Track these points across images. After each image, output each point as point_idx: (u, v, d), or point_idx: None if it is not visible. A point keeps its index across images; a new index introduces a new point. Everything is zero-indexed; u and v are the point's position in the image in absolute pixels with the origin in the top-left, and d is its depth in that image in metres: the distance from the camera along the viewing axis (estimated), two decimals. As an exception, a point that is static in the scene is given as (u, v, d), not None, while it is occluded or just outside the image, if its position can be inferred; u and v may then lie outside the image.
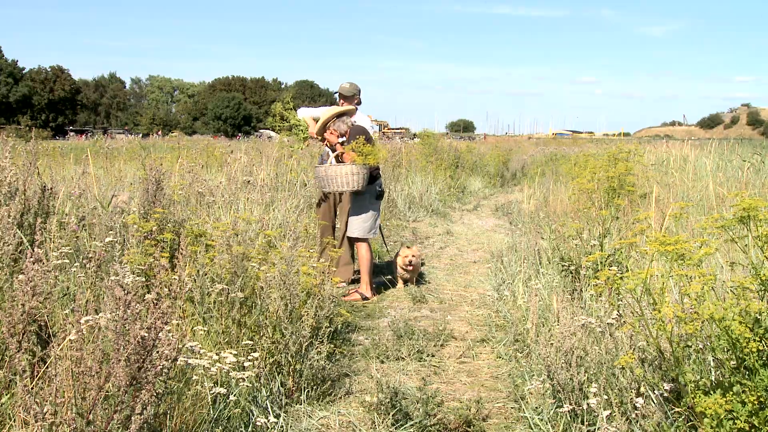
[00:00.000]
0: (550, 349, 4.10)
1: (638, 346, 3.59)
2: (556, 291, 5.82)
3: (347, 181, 7.27)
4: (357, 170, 7.26)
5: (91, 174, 7.89)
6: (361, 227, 7.64)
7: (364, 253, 7.62)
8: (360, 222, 7.64)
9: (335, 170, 7.28)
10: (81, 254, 5.32)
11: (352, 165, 7.25)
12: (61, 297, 4.37)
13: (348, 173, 7.26)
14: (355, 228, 7.66)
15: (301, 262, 5.08)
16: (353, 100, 8.17)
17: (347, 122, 7.70)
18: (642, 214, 3.77)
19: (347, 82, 8.25)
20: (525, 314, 6.03)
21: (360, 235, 7.64)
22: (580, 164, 10.29)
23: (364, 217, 7.63)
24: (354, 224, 7.67)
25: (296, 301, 4.62)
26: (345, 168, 7.26)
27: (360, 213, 7.65)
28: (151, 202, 6.14)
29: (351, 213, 7.72)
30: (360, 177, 7.28)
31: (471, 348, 5.81)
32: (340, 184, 7.29)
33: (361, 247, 7.66)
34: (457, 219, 14.58)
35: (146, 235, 5.39)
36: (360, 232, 7.64)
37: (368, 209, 7.65)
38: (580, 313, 4.82)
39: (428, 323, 6.55)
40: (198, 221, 6.27)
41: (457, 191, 18.89)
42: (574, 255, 6.71)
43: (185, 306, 4.45)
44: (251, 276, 4.82)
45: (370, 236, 7.70)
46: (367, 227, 7.65)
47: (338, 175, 7.26)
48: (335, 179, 7.28)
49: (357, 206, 7.67)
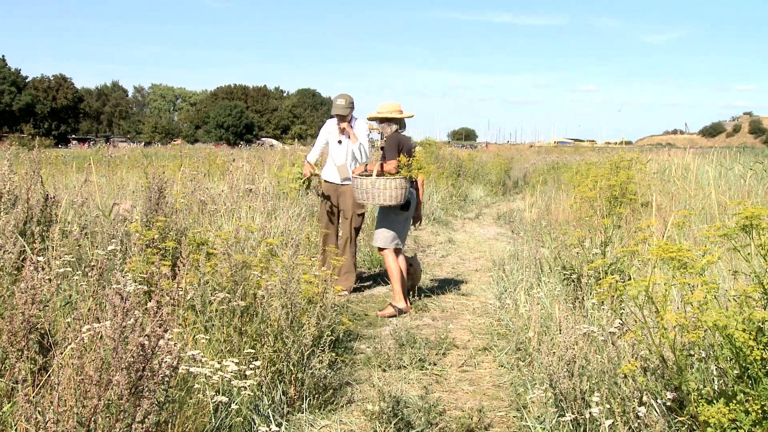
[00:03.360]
0: (552, 358, 4.09)
1: (641, 354, 3.58)
2: (558, 299, 5.81)
3: (395, 195, 7.04)
4: (405, 184, 7.07)
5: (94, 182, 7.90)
6: (383, 236, 7.41)
7: (390, 263, 7.37)
8: (383, 232, 7.41)
9: (384, 183, 7.01)
10: (83, 262, 5.32)
11: (402, 178, 7.03)
12: (63, 305, 4.37)
13: (398, 187, 7.03)
14: (377, 237, 7.46)
15: (303, 271, 5.08)
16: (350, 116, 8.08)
17: (392, 128, 7.46)
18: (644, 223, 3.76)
19: (340, 97, 7.99)
20: (527, 323, 6.02)
21: (382, 245, 7.42)
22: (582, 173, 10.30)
23: (387, 228, 7.41)
24: (378, 234, 7.45)
25: (298, 310, 4.62)
26: (395, 182, 7.01)
27: (383, 223, 7.43)
28: (153, 211, 6.15)
29: (377, 222, 7.53)
30: (406, 191, 7.11)
31: (473, 356, 5.80)
32: (387, 198, 7.05)
33: (386, 257, 7.42)
34: (459, 227, 14.58)
35: (148, 243, 5.39)
36: (382, 241, 7.42)
37: (393, 220, 7.40)
38: (582, 322, 4.81)
39: (430, 332, 6.54)
40: (200, 229, 6.27)
41: (459, 199, 18.89)
42: (576, 263, 6.70)
43: (187, 314, 4.44)
44: (253, 284, 4.81)
45: (393, 246, 7.42)
46: (389, 236, 7.40)
47: (387, 188, 7.01)
48: (382, 193, 7.03)
49: (383, 217, 7.46)
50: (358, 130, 8.03)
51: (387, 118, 7.43)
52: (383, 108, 7.47)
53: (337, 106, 7.96)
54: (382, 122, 7.49)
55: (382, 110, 7.45)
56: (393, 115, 7.42)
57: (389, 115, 7.41)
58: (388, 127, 7.44)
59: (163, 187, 6.31)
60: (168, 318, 2.87)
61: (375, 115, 7.50)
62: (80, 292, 4.43)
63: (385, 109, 7.45)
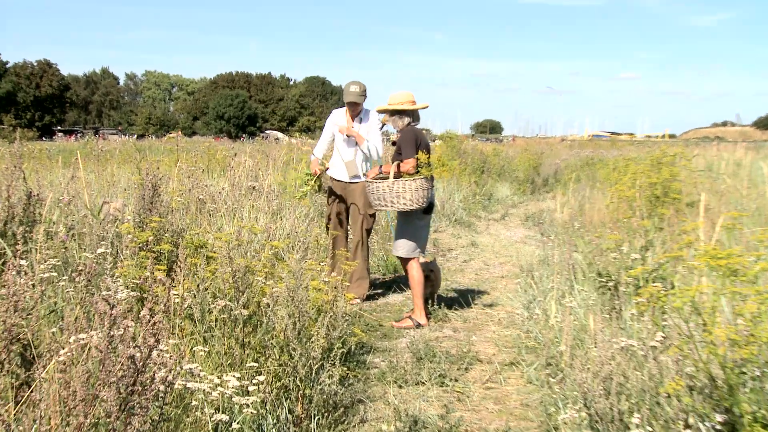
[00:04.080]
0: (586, 375, 4.06)
1: (686, 371, 3.55)
2: (592, 309, 5.78)
3: (417, 198, 6.90)
4: (426, 185, 6.93)
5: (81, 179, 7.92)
6: (406, 245, 7.32)
7: (414, 273, 7.31)
8: (406, 240, 7.32)
9: (403, 186, 6.88)
10: (70, 267, 5.34)
11: (423, 179, 6.91)
12: (47, 314, 4.38)
13: (418, 189, 6.89)
14: (400, 246, 7.36)
15: (311, 276, 5.08)
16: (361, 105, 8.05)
17: (405, 121, 7.36)
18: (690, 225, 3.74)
19: (353, 84, 7.99)
20: (558, 335, 5.99)
21: (405, 254, 7.34)
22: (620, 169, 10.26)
23: (410, 235, 7.32)
24: (399, 242, 7.37)
25: (306, 320, 4.61)
26: (415, 183, 6.88)
27: (406, 230, 7.33)
28: (147, 210, 6.16)
29: (397, 229, 7.44)
30: (428, 191, 6.97)
31: (498, 372, 5.78)
32: (408, 202, 6.92)
33: (409, 267, 7.35)
34: (482, 229, 14.55)
35: (141, 246, 5.41)
36: (406, 250, 7.33)
37: (416, 225, 7.32)
38: (620, 335, 4.78)
39: (451, 344, 6.53)
40: (198, 231, 6.28)
41: (483, 198, 18.85)
42: (612, 270, 6.66)
43: (184, 324, 4.45)
44: (256, 291, 4.82)
45: (416, 255, 7.38)
46: (413, 245, 7.32)
47: (407, 190, 6.86)
48: (402, 196, 6.90)
49: (404, 223, 7.35)
50: (370, 123, 8.00)
51: (399, 110, 7.35)
52: (394, 99, 7.37)
53: (350, 93, 7.92)
54: (393, 115, 7.38)
55: (393, 101, 7.36)
56: (406, 106, 7.30)
57: (402, 107, 7.30)
58: (399, 120, 7.35)
59: (158, 184, 6.32)
60: (162, 327, 2.87)
61: (385, 107, 7.41)
62: (66, 299, 4.45)
63: (396, 100, 7.35)
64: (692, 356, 3.27)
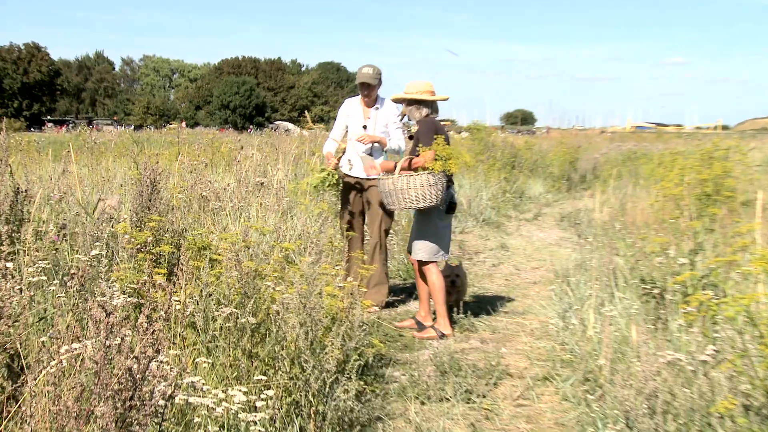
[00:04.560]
0: (628, 392, 4.05)
1: (741, 389, 3.52)
2: (635, 319, 5.75)
3: (424, 194, 6.88)
4: (434, 180, 6.87)
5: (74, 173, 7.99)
6: (427, 248, 7.28)
7: (434, 279, 7.28)
8: (426, 242, 7.28)
9: (407, 182, 6.87)
10: (61, 270, 5.38)
11: (429, 174, 6.85)
12: (36, 321, 4.41)
13: (424, 184, 6.85)
14: (419, 249, 7.32)
15: (325, 282, 5.08)
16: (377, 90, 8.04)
17: (423, 112, 7.34)
18: (745, 226, 3.72)
19: (367, 66, 8.00)
20: (597, 348, 5.97)
21: (426, 257, 7.30)
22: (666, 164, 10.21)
23: (430, 237, 7.29)
24: (418, 245, 7.32)
25: (319, 329, 4.62)
26: (420, 178, 6.85)
27: (426, 231, 7.30)
28: (145, 208, 6.19)
29: (415, 230, 7.41)
30: (439, 188, 6.91)
31: (530, 387, 5.76)
32: (414, 199, 6.91)
33: (429, 272, 7.32)
34: (513, 230, 14.53)
35: (139, 247, 5.43)
36: (426, 253, 7.30)
37: (436, 226, 7.29)
38: (666, 347, 4.76)
39: (478, 357, 6.52)
40: (202, 231, 6.31)
41: (514, 196, 18.82)
42: (658, 275, 6.63)
43: (186, 333, 4.47)
44: (265, 298, 4.83)
45: (439, 259, 7.38)
46: (434, 248, 7.29)
47: (411, 187, 6.86)
48: (407, 193, 6.88)
49: (423, 223, 7.33)
50: (387, 112, 7.97)
51: (417, 100, 7.31)
52: (412, 88, 7.35)
53: (363, 74, 7.94)
54: (410, 105, 7.35)
55: (410, 90, 7.34)
56: (425, 96, 7.28)
57: (420, 97, 7.28)
58: (417, 111, 7.32)
59: (158, 179, 6.35)
60: (162, 337, 2.88)
61: (402, 96, 7.38)
62: (57, 305, 4.47)
63: (414, 89, 7.33)
64: (747, 372, 3.25)
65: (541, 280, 9.85)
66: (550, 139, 39.94)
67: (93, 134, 21.29)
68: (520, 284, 9.63)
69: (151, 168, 6.33)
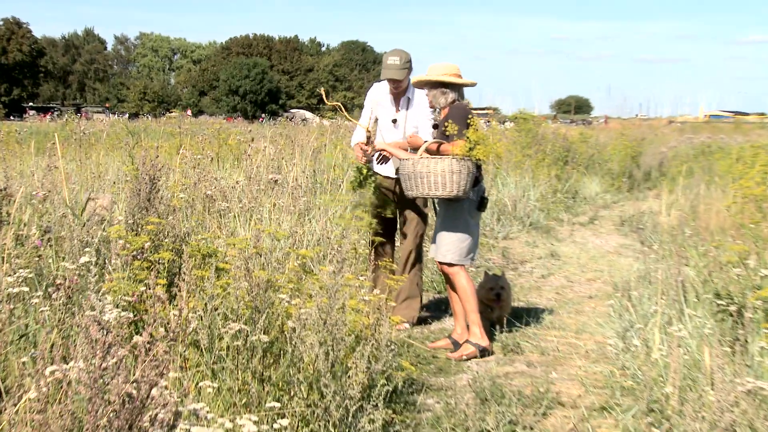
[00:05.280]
0: (700, 424, 4.03)
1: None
2: (708, 341, 5.72)
3: (444, 181, 6.88)
4: (459, 167, 6.88)
5: (60, 169, 8.05)
6: (455, 248, 7.31)
7: (464, 282, 7.29)
8: (455, 241, 7.31)
9: (427, 165, 6.90)
10: (45, 280, 5.42)
11: (453, 159, 6.87)
12: (17, 339, 4.45)
13: (446, 170, 6.87)
14: (447, 249, 7.34)
15: (349, 295, 5.09)
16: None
17: (449, 97, 7.36)
18: (837, 233, 3.69)
19: (392, 54, 7.86)
20: (663, 373, 5.95)
21: (455, 260, 7.33)
22: (746, 159, 10.14)
23: (460, 235, 7.31)
24: (445, 244, 7.34)
25: (341, 349, 4.63)
26: (442, 163, 6.87)
27: (454, 229, 7.32)
28: (142, 209, 6.23)
29: (441, 228, 7.42)
30: (463, 177, 6.91)
31: (585, 419, 5.75)
32: (433, 185, 6.93)
33: (457, 275, 7.33)
34: (565, 236, 14.50)
35: (135, 254, 5.47)
36: (455, 255, 7.32)
37: (467, 223, 7.33)
38: (745, 374, 4.73)
39: (524, 382, 6.51)
40: (206, 236, 6.34)
41: (566, 197, 18.78)
42: (735, 290, 6.60)
43: (188, 353, 4.49)
44: (279, 313, 4.84)
45: (468, 262, 7.42)
46: (464, 248, 7.32)
47: (432, 171, 6.88)
48: (426, 178, 6.92)
49: (450, 219, 7.35)
50: (419, 106, 7.91)
51: (442, 82, 7.33)
52: (437, 70, 7.37)
53: (389, 67, 7.83)
54: (434, 88, 7.39)
55: (434, 72, 7.36)
56: (451, 79, 7.30)
57: (446, 79, 7.29)
58: (442, 96, 7.35)
59: (156, 176, 6.39)
60: (166, 359, 2.89)
61: (424, 78, 7.38)
62: (41, 320, 4.51)
63: (439, 72, 7.35)
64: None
65: (597, 293, 9.83)
66: (608, 129, 39.78)
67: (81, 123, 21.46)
68: (573, 298, 9.61)
69: (148, 163, 6.37)
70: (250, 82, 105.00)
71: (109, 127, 24.60)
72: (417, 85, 7.63)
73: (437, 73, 7.32)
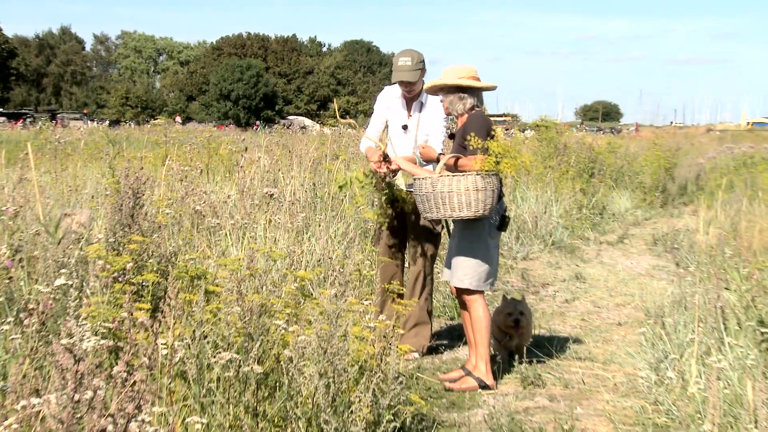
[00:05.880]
0: (742, 465, 4.02)
1: None
2: (751, 373, 5.72)
3: (468, 200, 6.74)
4: (484, 183, 6.75)
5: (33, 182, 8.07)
6: (473, 273, 7.19)
7: (481, 313, 7.21)
8: (473, 265, 7.18)
9: (449, 183, 6.75)
10: (16, 304, 5.43)
11: (477, 175, 6.73)
12: (-14, 369, 4.45)
13: (470, 188, 6.72)
14: (464, 274, 7.22)
15: (352, 321, 5.09)
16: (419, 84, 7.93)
17: (468, 103, 7.25)
18: None
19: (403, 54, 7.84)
20: (701, 409, 5.94)
21: (472, 286, 7.22)
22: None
23: (478, 259, 7.19)
24: (462, 268, 7.23)
25: (343, 381, 4.63)
26: (466, 180, 6.72)
27: (472, 251, 7.19)
28: (124, 226, 6.24)
29: (457, 250, 7.30)
30: (489, 195, 6.78)
31: (615, 460, 5.74)
32: (457, 206, 6.78)
33: (473, 304, 7.25)
34: (591, 256, 14.50)
35: (116, 275, 5.47)
36: (473, 280, 7.21)
37: (486, 245, 7.21)
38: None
39: (546, 418, 6.51)
40: (195, 255, 6.35)
41: (593, 213, 18.77)
42: (780, 316, 6.59)
43: (174, 384, 4.49)
44: (275, 340, 4.84)
45: (487, 288, 7.34)
46: (482, 273, 7.20)
47: (455, 190, 6.72)
48: (449, 198, 6.76)
49: (468, 240, 7.23)
50: (433, 111, 7.88)
51: (459, 86, 7.23)
52: (452, 73, 7.27)
53: (400, 68, 7.81)
54: (450, 93, 7.27)
55: (450, 76, 7.26)
56: (470, 82, 7.21)
57: (464, 83, 7.20)
58: (459, 102, 7.24)
59: (140, 190, 6.40)
60: (145, 389, 2.90)
61: (439, 83, 7.28)
62: (11, 349, 4.52)
63: (455, 75, 7.25)
64: None
65: (627, 320, 9.82)
66: (639, 138, 39.87)
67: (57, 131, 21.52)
68: (601, 326, 9.61)
69: (131, 175, 6.38)
70: (244, 86, 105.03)
71: (87, 135, 24.67)
72: (430, 91, 7.54)
73: (454, 77, 7.21)
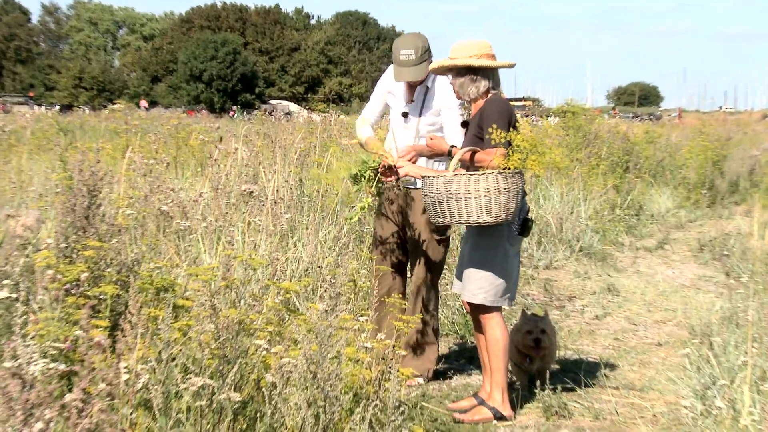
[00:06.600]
0: None
1: None
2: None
3: (488, 204, 6.56)
4: (507, 184, 6.58)
5: (-28, 177, 8.08)
6: (489, 286, 7.08)
7: (498, 333, 7.11)
8: (488, 277, 7.06)
9: (466, 183, 6.56)
10: (-47, 320, 5.44)
11: (499, 174, 6.57)
12: None
13: (491, 189, 6.54)
14: (478, 287, 7.11)
15: (345, 340, 5.11)
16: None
17: (481, 86, 7.09)
18: None
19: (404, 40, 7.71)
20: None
21: (488, 301, 7.12)
22: None
23: (497, 268, 7.07)
24: (476, 280, 7.12)
25: (336, 411, 4.64)
26: (486, 180, 6.55)
27: (488, 261, 7.07)
28: (78, 229, 6.24)
29: (470, 259, 7.20)
30: (512, 197, 6.61)
31: (653, 503, 5.76)
32: (474, 210, 6.61)
33: (489, 323, 7.15)
34: (626, 265, 14.50)
35: (69, 287, 5.48)
36: (488, 294, 7.10)
37: (505, 254, 7.10)
38: None
39: (574, 455, 6.53)
40: (161, 264, 6.36)
41: (628, 214, 18.76)
42: None
43: (137, 415, 4.50)
44: (255, 363, 4.86)
45: (505, 304, 7.26)
46: (499, 286, 7.08)
47: (473, 192, 6.55)
48: (465, 200, 6.59)
49: (483, 247, 7.12)
50: (443, 94, 7.80)
51: (470, 67, 7.07)
52: (462, 50, 7.08)
53: (402, 63, 7.65)
54: (460, 75, 7.13)
55: (460, 54, 7.07)
56: (483, 61, 7.04)
57: (476, 62, 7.02)
58: (472, 85, 7.09)
59: (97, 187, 6.40)
60: (104, 421, 2.91)
61: (447, 63, 7.11)
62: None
63: (466, 52, 7.06)
64: None
65: (668, 340, 9.83)
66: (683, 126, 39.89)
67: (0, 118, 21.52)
68: (637, 346, 9.62)
69: (86, 169, 6.38)
70: (218, 65, 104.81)
71: (33, 122, 24.64)
72: (437, 72, 7.43)
73: (464, 55, 7.02)
